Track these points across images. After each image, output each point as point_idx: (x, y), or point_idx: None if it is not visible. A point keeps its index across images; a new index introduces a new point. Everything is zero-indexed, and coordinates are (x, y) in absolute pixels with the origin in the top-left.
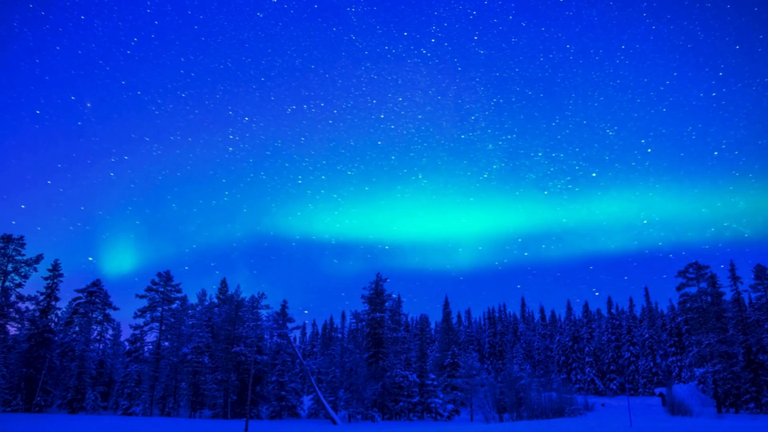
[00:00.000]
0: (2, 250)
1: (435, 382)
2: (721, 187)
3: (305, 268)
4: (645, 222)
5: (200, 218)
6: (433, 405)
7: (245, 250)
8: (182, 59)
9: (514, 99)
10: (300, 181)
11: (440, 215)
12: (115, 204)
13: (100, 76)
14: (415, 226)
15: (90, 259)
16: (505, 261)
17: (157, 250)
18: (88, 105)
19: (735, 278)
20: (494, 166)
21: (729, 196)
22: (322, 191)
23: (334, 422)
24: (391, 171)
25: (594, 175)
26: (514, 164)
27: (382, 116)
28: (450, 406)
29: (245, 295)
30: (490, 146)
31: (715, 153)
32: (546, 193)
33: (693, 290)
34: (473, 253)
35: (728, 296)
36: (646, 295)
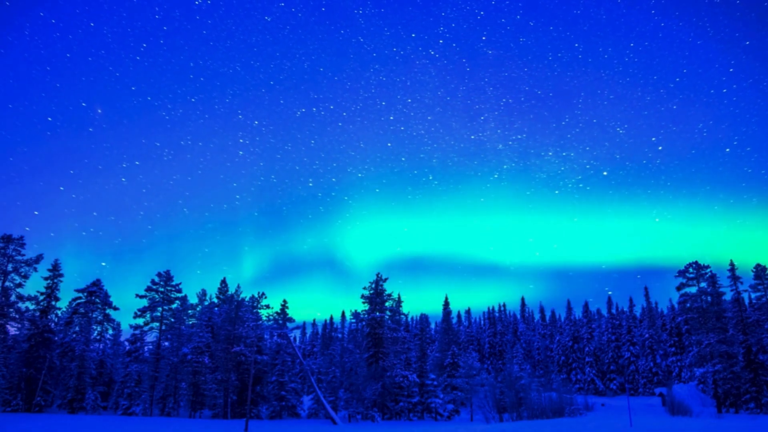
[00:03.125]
0: (2, 250)
1: (435, 382)
2: (733, 184)
3: (316, 269)
4: (657, 220)
5: (212, 222)
6: (433, 405)
7: (257, 253)
8: (191, 64)
9: (523, 99)
10: (311, 184)
11: (451, 216)
12: (127, 209)
13: (110, 83)
14: (425, 226)
15: (103, 264)
16: (517, 261)
17: (169, 254)
18: (99, 111)
19: (735, 278)
20: (505, 166)
21: (742, 192)
22: (333, 194)
23: (334, 422)
24: (402, 172)
25: (605, 173)
26: (524, 164)
27: (391, 118)
28: (450, 406)
29: (245, 294)
30: (501, 146)
31: (727, 150)
32: (557, 192)
33: (693, 290)
34: (484, 253)
35: (728, 296)
36: (646, 294)
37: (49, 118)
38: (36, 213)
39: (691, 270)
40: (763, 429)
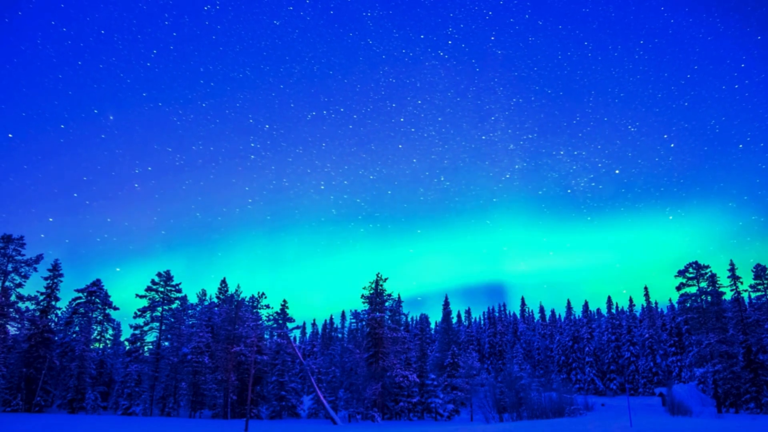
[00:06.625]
0: (2, 250)
1: (435, 382)
2: (747, 181)
3: (329, 272)
4: (671, 218)
5: (225, 227)
6: (433, 405)
7: (270, 257)
8: (201, 69)
9: (533, 98)
10: (322, 187)
11: (463, 217)
12: (140, 214)
13: (121, 89)
14: (438, 228)
15: (117, 269)
16: (531, 261)
17: (183, 259)
18: (111, 118)
19: (735, 278)
20: (516, 166)
21: (756, 189)
22: (345, 196)
23: (334, 422)
24: (413, 174)
25: (617, 172)
26: (536, 164)
27: (401, 120)
28: (450, 406)
29: (245, 294)
30: (512, 146)
31: (740, 146)
32: (569, 191)
33: (693, 290)
34: (498, 253)
35: (728, 296)
36: (646, 294)
37: (62, 126)
38: (51, 220)
39: (691, 270)
40: (763, 429)
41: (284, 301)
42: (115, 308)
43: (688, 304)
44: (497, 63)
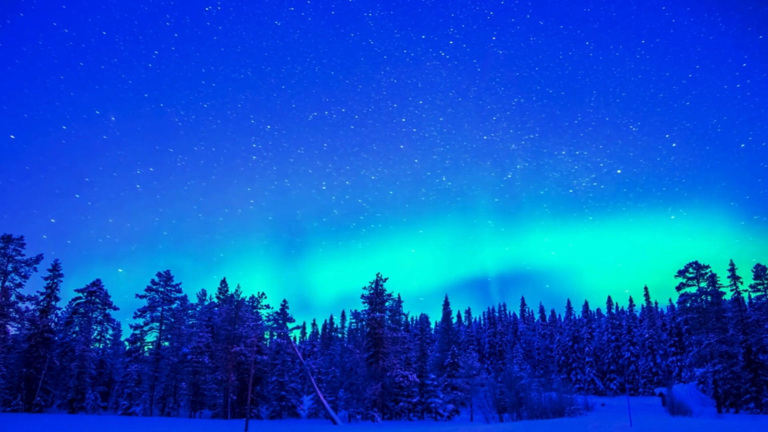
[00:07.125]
0: (2, 250)
1: (435, 382)
2: (749, 180)
3: (329, 272)
4: (672, 217)
5: (226, 227)
6: (433, 405)
7: (270, 257)
8: (203, 70)
9: (535, 98)
10: (324, 187)
11: (465, 217)
12: (142, 215)
13: (123, 90)
14: (440, 228)
15: (120, 270)
16: (532, 260)
17: (184, 260)
18: (113, 119)
19: (735, 278)
20: (518, 166)
21: (758, 188)
22: (347, 196)
23: (334, 422)
24: (415, 174)
25: (619, 171)
26: (537, 163)
27: (403, 120)
28: (450, 406)
29: (246, 294)
30: (513, 146)
31: (742, 145)
32: (571, 191)
33: (693, 290)
34: (500, 254)
35: (728, 296)
36: (646, 294)
37: (64, 127)
38: (53, 221)
39: (691, 270)
40: (763, 429)
41: (284, 301)
42: (115, 308)
43: (688, 304)
44: (499, 63)
